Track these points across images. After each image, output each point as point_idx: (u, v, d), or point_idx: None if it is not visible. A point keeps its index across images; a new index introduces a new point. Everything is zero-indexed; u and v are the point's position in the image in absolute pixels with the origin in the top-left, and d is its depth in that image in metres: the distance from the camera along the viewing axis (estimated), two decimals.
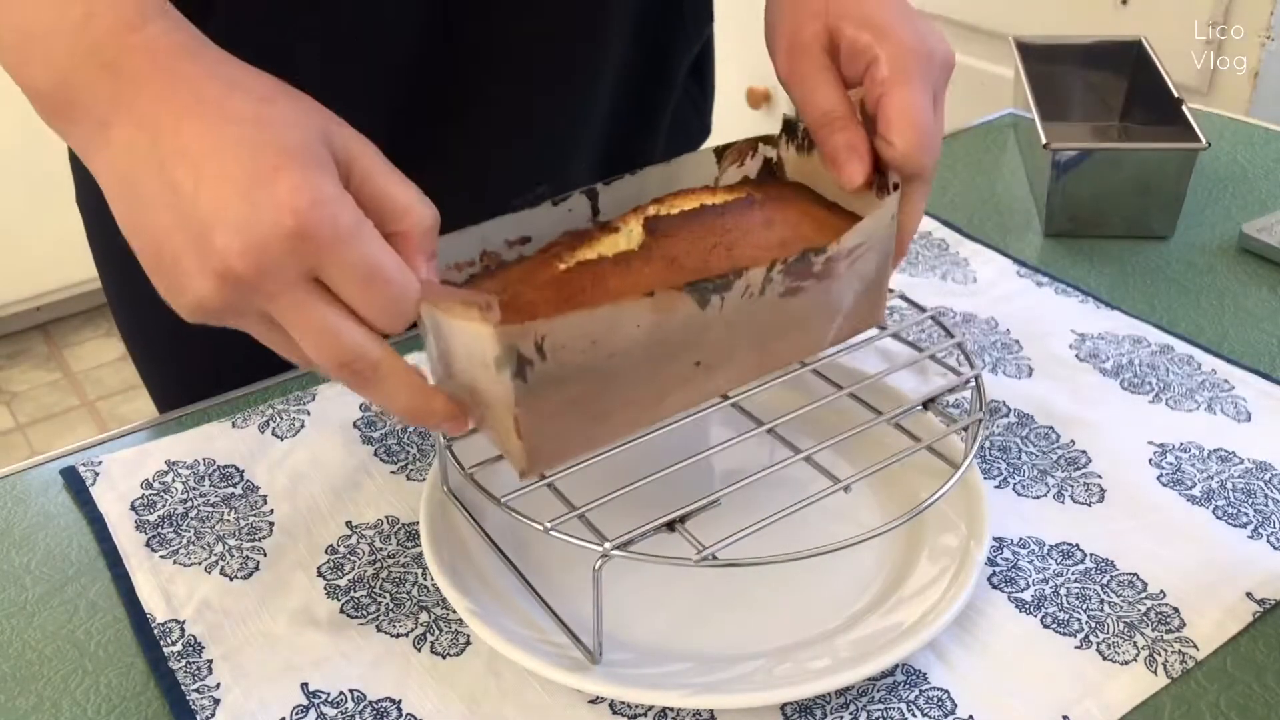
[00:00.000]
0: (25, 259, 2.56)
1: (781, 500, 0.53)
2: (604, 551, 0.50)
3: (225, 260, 0.43)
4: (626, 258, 0.54)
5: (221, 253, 0.43)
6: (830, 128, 0.58)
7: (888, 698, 0.53)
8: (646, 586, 0.58)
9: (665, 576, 0.59)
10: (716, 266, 0.55)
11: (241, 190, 0.43)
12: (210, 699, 0.53)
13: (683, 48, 0.82)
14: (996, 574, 0.59)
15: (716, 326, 0.52)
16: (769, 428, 0.57)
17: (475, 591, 0.56)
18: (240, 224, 0.43)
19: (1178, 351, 0.76)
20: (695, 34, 0.83)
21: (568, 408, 0.50)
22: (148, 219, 0.45)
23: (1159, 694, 0.53)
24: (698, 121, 0.91)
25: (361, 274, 0.44)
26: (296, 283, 0.44)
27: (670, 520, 0.51)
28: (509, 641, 0.52)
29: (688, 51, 0.83)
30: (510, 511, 0.52)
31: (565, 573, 0.59)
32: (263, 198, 0.43)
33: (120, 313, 0.85)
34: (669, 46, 0.80)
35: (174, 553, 0.62)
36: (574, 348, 0.47)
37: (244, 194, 0.43)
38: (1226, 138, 1.06)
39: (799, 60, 0.60)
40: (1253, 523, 0.62)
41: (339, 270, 0.44)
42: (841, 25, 0.59)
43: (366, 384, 0.47)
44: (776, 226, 0.58)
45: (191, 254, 0.44)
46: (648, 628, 0.56)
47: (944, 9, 1.89)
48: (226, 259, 0.43)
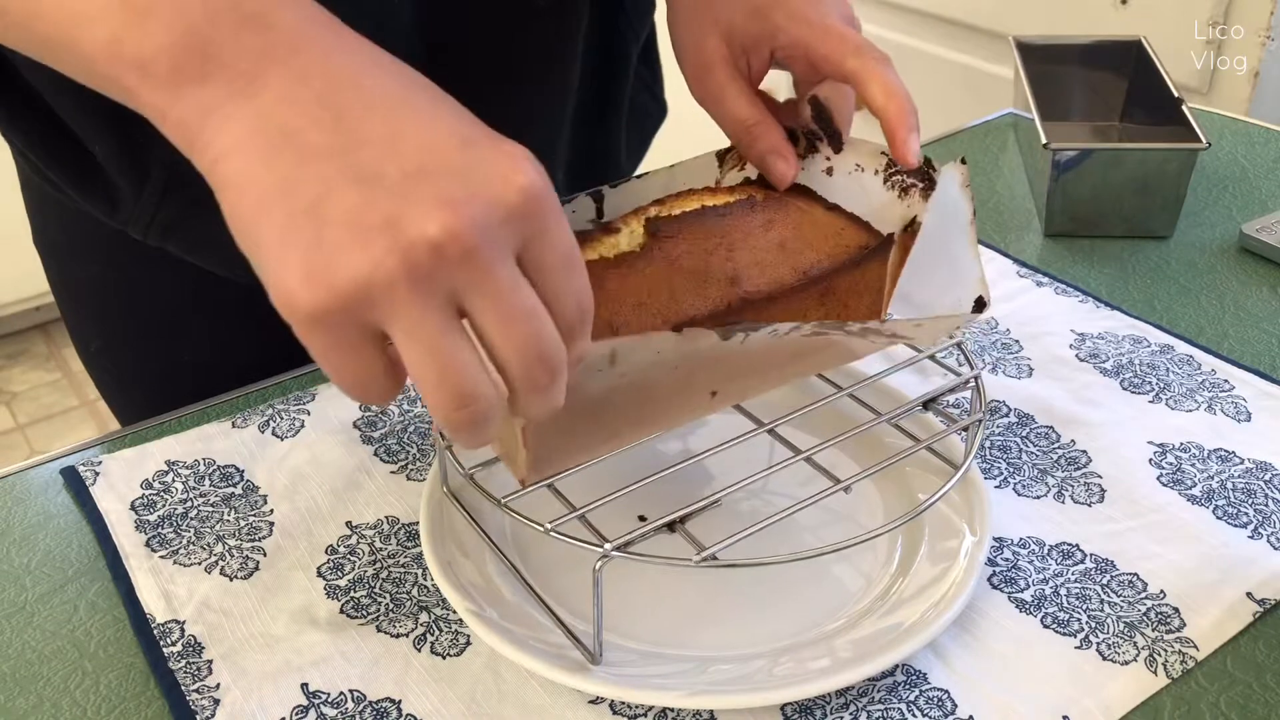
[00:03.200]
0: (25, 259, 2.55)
1: (781, 501, 0.53)
2: (604, 552, 0.50)
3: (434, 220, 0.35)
4: (627, 259, 0.54)
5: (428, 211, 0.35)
6: (750, 136, 0.61)
7: (888, 698, 0.53)
8: (646, 587, 0.58)
9: (665, 577, 0.59)
10: (717, 268, 0.55)
11: (458, 144, 0.37)
12: (210, 699, 0.53)
13: (630, 38, 0.83)
14: (996, 574, 0.59)
15: (735, 356, 0.52)
16: (769, 428, 0.57)
17: (475, 591, 0.56)
18: (462, 177, 0.36)
19: (1178, 351, 0.76)
20: (640, 25, 0.84)
21: (576, 421, 0.49)
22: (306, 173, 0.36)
23: (1159, 694, 0.53)
24: (654, 103, 0.92)
25: (565, 254, 0.39)
26: (510, 257, 0.37)
27: (670, 521, 0.52)
28: (509, 642, 0.52)
29: (635, 42, 0.84)
30: (510, 513, 0.52)
31: (565, 573, 0.59)
32: (484, 156, 0.37)
33: (92, 349, 0.85)
34: (615, 38, 0.81)
35: (174, 553, 0.62)
36: (590, 365, 0.47)
37: (461, 148, 0.37)
38: (1226, 138, 1.06)
39: (706, 79, 0.63)
40: (1253, 523, 0.62)
41: (549, 250, 0.38)
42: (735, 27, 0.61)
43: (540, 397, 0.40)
44: (777, 228, 0.58)
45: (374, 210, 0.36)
46: (647, 628, 0.56)
47: (944, 9, 1.89)
48: (440, 218, 0.35)
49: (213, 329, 0.80)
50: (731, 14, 0.61)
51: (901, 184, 0.60)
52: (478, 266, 0.36)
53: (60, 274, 0.83)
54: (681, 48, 0.64)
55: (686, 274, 0.54)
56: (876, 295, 0.60)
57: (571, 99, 0.79)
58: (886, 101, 0.57)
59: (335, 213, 0.36)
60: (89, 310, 0.82)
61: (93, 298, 0.81)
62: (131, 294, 0.79)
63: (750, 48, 0.61)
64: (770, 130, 0.61)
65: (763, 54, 0.62)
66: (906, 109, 0.57)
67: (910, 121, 0.57)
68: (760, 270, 0.56)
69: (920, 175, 0.60)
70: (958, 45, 1.90)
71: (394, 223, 0.35)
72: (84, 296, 0.82)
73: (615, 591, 0.56)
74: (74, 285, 0.82)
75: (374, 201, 0.36)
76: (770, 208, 0.59)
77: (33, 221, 0.81)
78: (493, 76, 0.73)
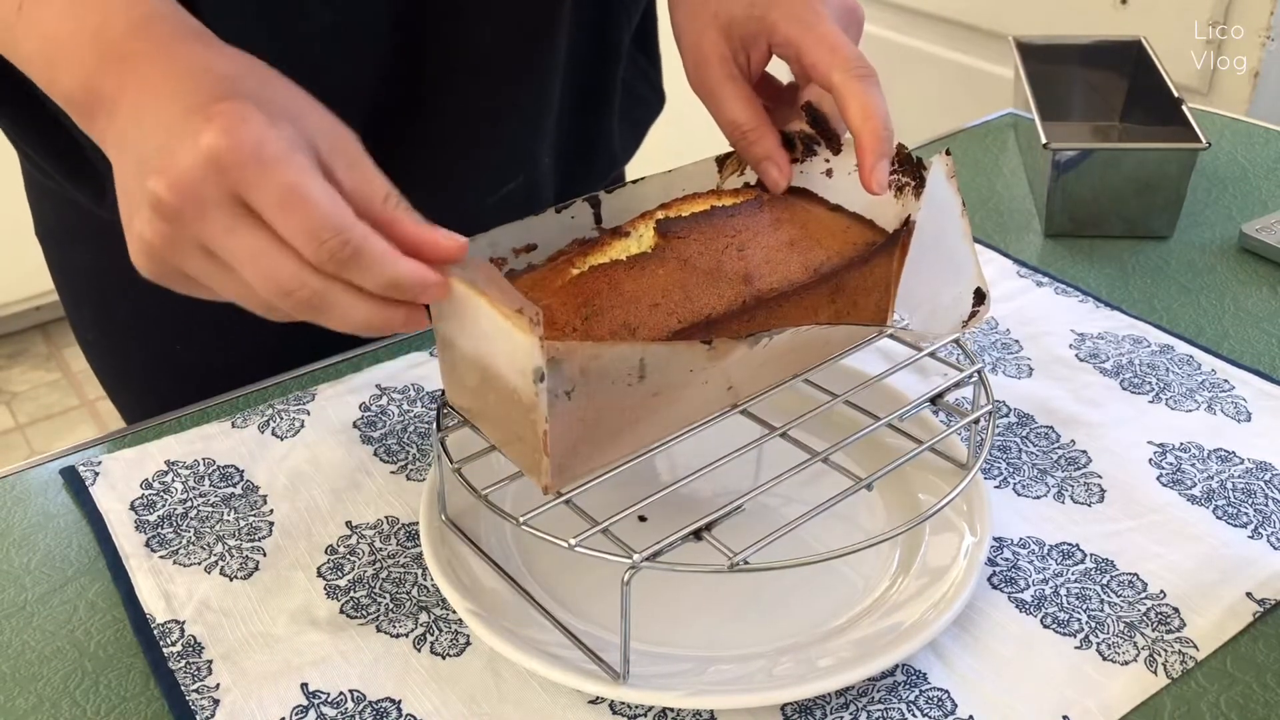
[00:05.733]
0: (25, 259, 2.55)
1: (790, 503, 0.53)
2: (634, 564, 0.49)
3: (155, 191, 0.44)
4: (640, 260, 0.54)
5: (152, 185, 0.44)
6: (744, 140, 0.62)
7: (888, 698, 0.53)
8: (647, 589, 0.58)
9: (665, 578, 0.59)
10: (729, 267, 0.55)
11: (181, 114, 0.44)
12: (210, 699, 0.53)
13: (622, 20, 0.83)
14: (996, 574, 0.59)
15: (756, 355, 0.52)
16: (782, 431, 0.57)
17: (475, 592, 0.56)
18: (164, 152, 0.44)
19: (1178, 351, 0.76)
20: (633, 8, 0.84)
21: (598, 426, 0.49)
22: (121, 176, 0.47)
23: (1159, 694, 0.53)
24: (651, 93, 0.92)
25: (281, 196, 0.44)
26: (224, 205, 0.44)
27: (697, 529, 0.51)
28: (509, 642, 0.52)
29: (627, 24, 0.84)
30: (530, 531, 0.51)
31: (573, 587, 0.58)
32: (188, 127, 0.44)
33: (90, 338, 0.86)
34: (607, 22, 0.81)
35: (174, 553, 0.62)
36: (619, 375, 0.47)
37: (170, 126, 0.44)
38: (1226, 138, 1.06)
39: (703, 74, 0.63)
40: (1253, 523, 0.62)
41: (260, 192, 0.44)
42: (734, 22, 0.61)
43: (315, 311, 0.46)
44: (785, 226, 0.58)
45: (136, 193, 0.45)
46: (648, 629, 0.56)
47: (944, 9, 1.89)
48: (156, 190, 0.44)
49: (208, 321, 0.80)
50: (731, 9, 0.61)
51: (897, 183, 0.60)
52: (186, 221, 0.44)
53: (60, 263, 0.84)
54: (681, 39, 0.64)
55: (700, 273, 0.54)
56: (884, 292, 0.60)
57: (557, 83, 0.79)
58: (862, 124, 0.57)
59: (125, 203, 0.47)
60: (87, 299, 0.83)
61: (90, 287, 0.82)
62: (126, 283, 0.79)
63: (748, 43, 0.62)
64: (765, 136, 0.61)
65: (760, 49, 0.62)
66: (880, 135, 0.57)
67: (881, 149, 0.57)
68: (772, 268, 0.56)
69: (912, 174, 0.60)
70: (958, 45, 1.90)
71: (140, 200, 0.45)
72: (81, 285, 0.83)
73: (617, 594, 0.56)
74: (72, 274, 0.83)
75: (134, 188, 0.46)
76: (777, 207, 0.59)
77: (33, 212, 0.83)
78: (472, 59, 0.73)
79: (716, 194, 0.62)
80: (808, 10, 0.60)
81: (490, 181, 0.79)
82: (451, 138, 0.76)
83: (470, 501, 0.54)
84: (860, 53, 0.59)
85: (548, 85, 0.78)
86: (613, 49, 0.83)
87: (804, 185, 0.63)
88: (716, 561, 0.50)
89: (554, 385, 0.46)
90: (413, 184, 0.59)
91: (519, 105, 0.77)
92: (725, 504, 0.52)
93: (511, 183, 0.79)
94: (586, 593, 0.58)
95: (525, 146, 0.79)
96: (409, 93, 0.73)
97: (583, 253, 0.57)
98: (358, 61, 0.70)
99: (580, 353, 0.46)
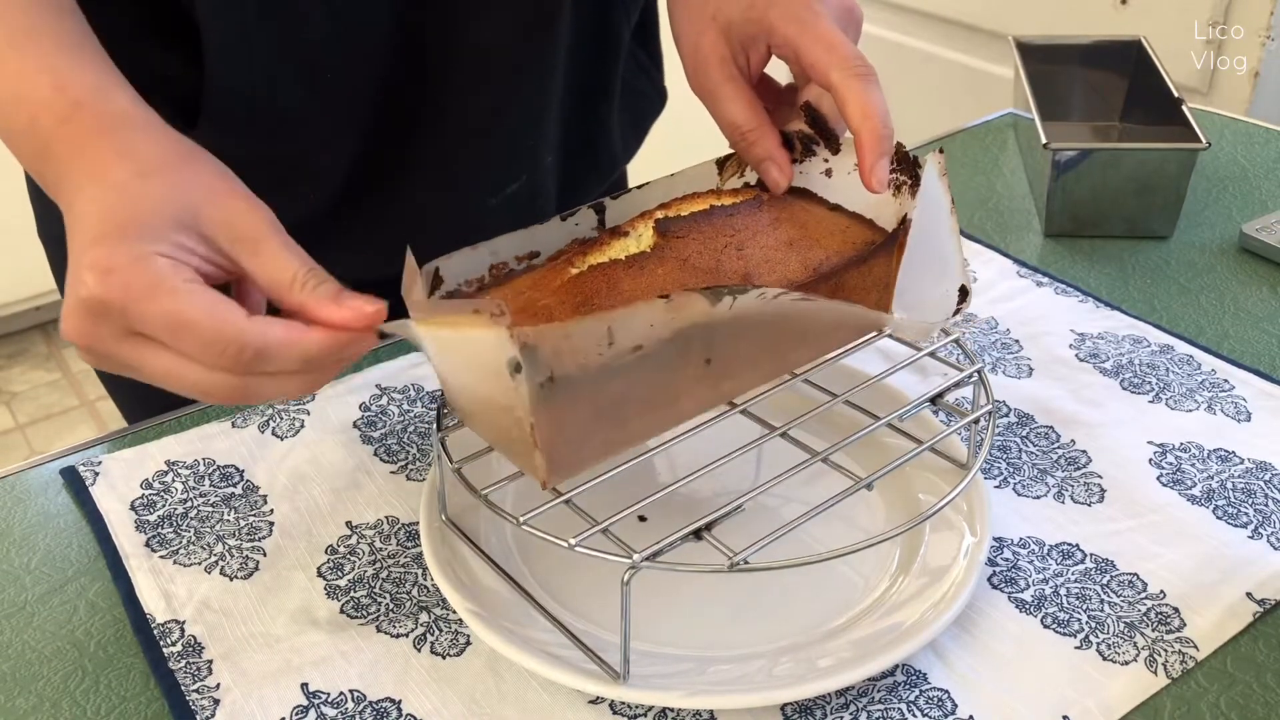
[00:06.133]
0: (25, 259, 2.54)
1: (789, 503, 0.53)
2: (633, 563, 0.49)
3: (65, 323, 0.48)
4: (639, 260, 0.54)
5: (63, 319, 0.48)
6: (745, 141, 0.62)
7: (888, 698, 0.53)
8: (647, 589, 0.58)
9: (665, 578, 0.59)
10: (729, 266, 0.55)
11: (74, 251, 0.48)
12: (210, 699, 0.53)
13: (622, 16, 0.83)
14: (996, 574, 0.59)
15: (727, 322, 0.51)
16: (782, 431, 0.57)
17: (475, 591, 0.56)
18: (68, 293, 0.48)
19: (1178, 351, 0.76)
20: (632, 5, 0.84)
21: (583, 413, 0.49)
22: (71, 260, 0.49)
23: (1159, 694, 0.53)
24: (653, 90, 0.92)
25: (164, 325, 0.46)
26: (122, 338, 0.47)
27: (697, 529, 0.51)
28: (509, 642, 0.52)
29: (627, 20, 0.84)
30: (531, 531, 0.51)
31: (573, 587, 0.59)
32: (77, 269, 0.47)
33: None
34: (607, 17, 0.82)
35: (174, 553, 0.62)
36: (590, 349, 0.47)
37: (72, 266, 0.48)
38: (1226, 138, 1.06)
39: (703, 75, 0.63)
40: (1253, 523, 0.62)
41: (146, 325, 0.47)
42: (732, 23, 0.61)
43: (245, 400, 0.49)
44: (784, 226, 0.58)
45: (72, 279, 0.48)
46: (648, 628, 0.56)
47: (944, 9, 1.89)
48: (64, 324, 0.48)
49: None
50: (729, 10, 0.62)
51: (895, 182, 0.60)
52: (96, 354, 0.48)
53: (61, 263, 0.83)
54: (681, 41, 0.64)
55: (699, 272, 0.54)
56: (884, 291, 0.60)
57: (559, 80, 0.79)
58: (861, 123, 0.57)
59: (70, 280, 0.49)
60: None
61: None
62: None
63: (748, 43, 0.62)
64: (765, 136, 0.61)
65: (760, 49, 0.62)
66: (880, 134, 0.57)
67: (881, 147, 0.57)
68: (771, 268, 0.56)
69: (909, 172, 0.60)
70: (958, 45, 1.90)
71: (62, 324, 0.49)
72: None
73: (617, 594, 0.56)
74: None
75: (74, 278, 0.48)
76: (776, 207, 0.59)
77: (36, 213, 0.83)
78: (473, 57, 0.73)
79: (716, 193, 0.62)
80: (806, 10, 0.60)
81: (494, 182, 0.79)
82: (455, 138, 0.76)
83: (470, 501, 0.54)
84: (859, 51, 0.59)
85: (549, 82, 0.78)
86: (613, 45, 0.83)
87: (803, 185, 0.63)
88: (716, 561, 0.50)
89: (531, 373, 0.45)
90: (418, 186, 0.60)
91: (521, 103, 0.77)
92: (725, 504, 0.52)
93: (515, 183, 0.79)
94: (586, 593, 0.58)
95: (528, 145, 0.79)
96: (411, 94, 0.73)
97: (581, 252, 0.57)
98: (359, 65, 0.70)
99: (551, 334, 0.45)
